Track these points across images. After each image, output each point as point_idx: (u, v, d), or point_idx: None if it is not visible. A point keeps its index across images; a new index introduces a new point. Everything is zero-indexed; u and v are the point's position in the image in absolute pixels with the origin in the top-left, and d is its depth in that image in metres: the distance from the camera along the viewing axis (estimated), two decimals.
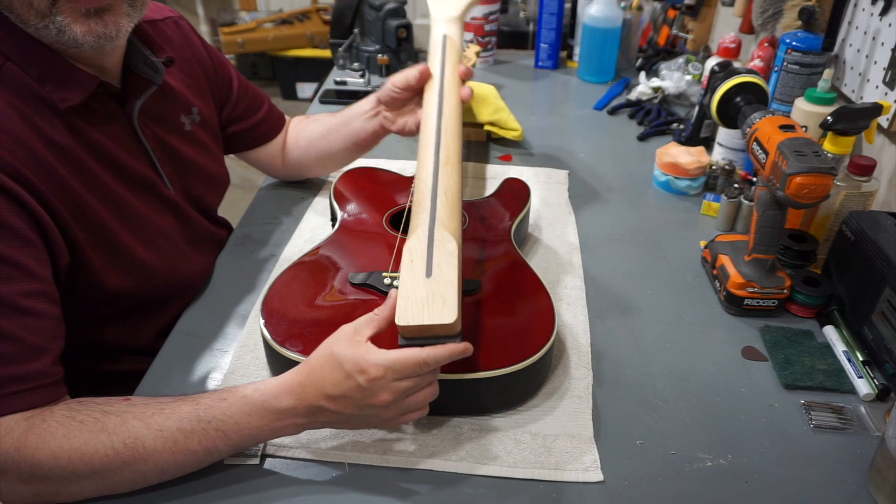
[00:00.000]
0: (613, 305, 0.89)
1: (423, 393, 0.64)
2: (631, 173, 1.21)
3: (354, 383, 0.61)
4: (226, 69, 1.00)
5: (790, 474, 0.68)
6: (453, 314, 0.61)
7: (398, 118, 0.97)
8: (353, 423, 0.65)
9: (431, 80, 0.90)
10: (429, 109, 0.86)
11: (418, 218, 0.72)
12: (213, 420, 0.62)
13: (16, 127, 0.67)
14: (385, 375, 0.60)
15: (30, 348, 0.63)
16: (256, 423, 0.63)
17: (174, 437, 0.61)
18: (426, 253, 0.67)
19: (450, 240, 0.68)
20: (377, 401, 0.61)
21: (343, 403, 0.62)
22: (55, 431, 0.60)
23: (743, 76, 0.91)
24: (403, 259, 0.67)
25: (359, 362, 0.61)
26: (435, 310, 0.61)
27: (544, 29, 1.63)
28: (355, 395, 0.61)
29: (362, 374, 0.60)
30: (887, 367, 0.77)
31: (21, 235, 0.64)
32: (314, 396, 0.62)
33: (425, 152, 0.80)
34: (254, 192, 1.12)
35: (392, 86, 0.93)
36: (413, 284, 0.64)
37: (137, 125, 0.81)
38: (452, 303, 0.62)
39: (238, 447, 0.64)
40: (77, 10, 0.68)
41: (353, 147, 1.04)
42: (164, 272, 0.83)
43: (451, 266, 0.65)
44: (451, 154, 0.79)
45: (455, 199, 0.74)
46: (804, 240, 0.92)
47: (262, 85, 3.50)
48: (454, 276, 0.65)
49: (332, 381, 0.62)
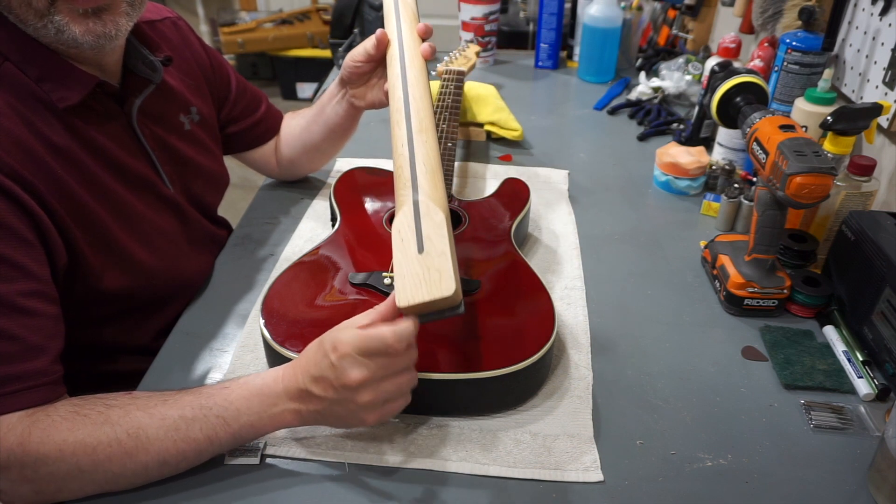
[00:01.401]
0: (613, 305, 0.89)
1: (398, 379, 0.63)
2: (631, 173, 1.21)
3: (328, 361, 0.61)
4: (224, 69, 1.00)
5: (790, 474, 0.68)
6: (452, 285, 0.60)
7: (366, 93, 0.95)
8: (336, 411, 0.63)
9: (391, 47, 0.87)
10: (394, 79, 0.83)
11: (401, 194, 0.70)
12: (214, 406, 0.63)
13: (14, 127, 0.67)
14: (351, 352, 0.60)
15: (29, 347, 0.63)
16: (255, 408, 0.63)
17: (176, 425, 0.62)
18: (414, 228, 0.65)
19: (436, 211, 0.67)
20: (349, 380, 0.60)
21: (324, 385, 0.62)
22: (59, 426, 0.61)
23: (743, 76, 0.91)
24: (394, 239, 0.66)
25: (333, 340, 0.61)
26: (433, 284, 0.60)
27: (544, 29, 1.63)
28: (329, 374, 0.61)
29: (334, 352, 0.61)
30: (887, 367, 0.77)
31: (19, 235, 0.64)
32: (303, 379, 0.63)
33: (397, 124, 0.77)
34: (254, 192, 1.12)
35: (351, 60, 0.92)
36: (407, 263, 0.63)
37: (136, 124, 0.81)
38: (449, 274, 0.61)
39: (238, 437, 0.64)
40: (75, 10, 0.68)
41: (331, 135, 1.03)
42: (163, 272, 0.83)
43: (441, 237, 0.64)
44: (423, 121, 0.76)
45: (435, 167, 0.72)
46: (804, 240, 0.92)
47: (261, 85, 3.50)
48: (446, 246, 0.63)
49: (314, 360, 0.62)
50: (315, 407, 0.64)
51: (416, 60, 0.84)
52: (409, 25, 0.88)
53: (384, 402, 0.63)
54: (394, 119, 0.78)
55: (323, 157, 1.09)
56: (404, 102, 0.78)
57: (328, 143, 1.05)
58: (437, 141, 0.76)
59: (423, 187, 0.69)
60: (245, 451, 0.67)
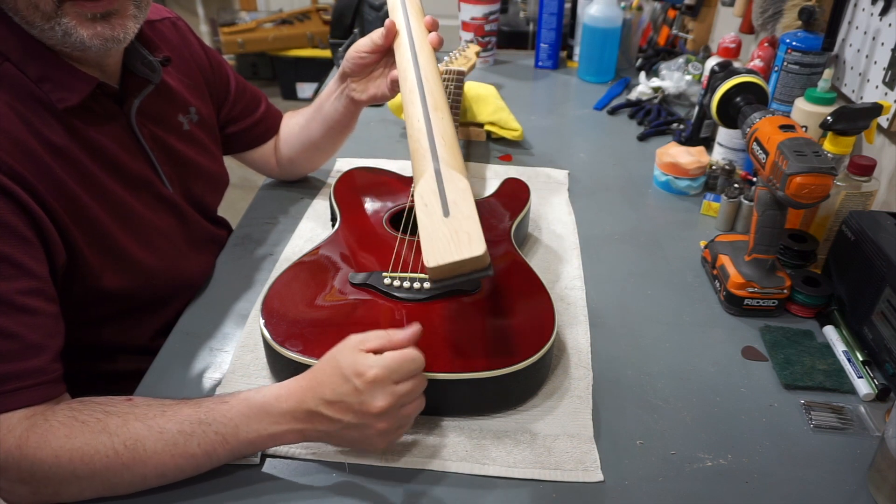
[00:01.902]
0: (613, 305, 0.89)
1: (415, 405, 0.64)
2: (631, 173, 1.21)
3: (351, 387, 0.60)
4: (223, 69, 1.00)
5: (790, 474, 0.68)
6: (482, 246, 0.60)
7: (368, 86, 0.94)
8: (349, 434, 0.63)
9: (399, 36, 0.87)
10: (404, 63, 0.83)
11: (420, 164, 0.70)
12: (213, 423, 0.62)
13: (13, 127, 0.67)
14: (384, 377, 0.60)
15: (28, 345, 0.63)
16: (255, 426, 0.63)
17: (174, 440, 0.61)
18: (439, 193, 0.65)
19: (459, 178, 0.67)
20: (374, 407, 0.60)
21: (341, 409, 0.61)
22: (57, 431, 0.60)
23: (743, 76, 0.91)
24: (416, 204, 0.66)
25: (356, 366, 0.61)
26: (463, 245, 0.61)
27: (544, 29, 1.63)
28: (352, 399, 0.61)
29: (359, 378, 0.60)
30: (887, 367, 0.77)
31: (18, 234, 0.64)
32: (313, 401, 0.62)
33: (412, 103, 0.77)
34: (254, 192, 1.12)
35: (357, 51, 0.91)
36: (433, 226, 0.63)
37: (135, 125, 0.81)
38: (478, 235, 0.61)
39: (236, 453, 0.64)
40: (83, 13, 0.68)
41: (331, 132, 1.02)
42: (162, 273, 0.83)
43: (466, 202, 0.65)
44: (437, 100, 0.76)
45: (453, 143, 0.72)
46: (804, 240, 0.92)
47: (261, 85, 3.50)
48: (472, 210, 0.64)
49: (331, 385, 0.61)
50: (324, 428, 0.63)
51: (425, 47, 0.84)
52: (417, 18, 0.88)
53: (397, 427, 0.64)
54: (407, 100, 0.78)
55: (323, 155, 1.09)
56: (418, 84, 0.78)
57: (327, 141, 1.04)
58: (452, 120, 0.76)
59: (444, 157, 0.69)
60: None
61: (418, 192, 0.67)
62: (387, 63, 0.92)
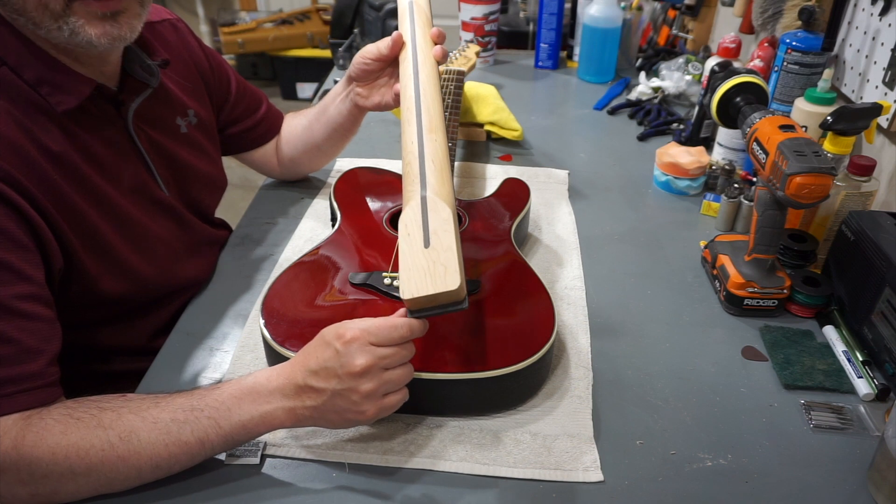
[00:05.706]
0: (613, 305, 0.89)
1: (399, 371, 0.64)
2: (631, 173, 1.21)
3: (332, 350, 0.62)
4: (224, 71, 1.00)
5: (790, 474, 0.68)
6: (456, 280, 0.61)
7: (373, 94, 0.94)
8: (337, 404, 0.63)
9: (405, 48, 0.87)
10: (406, 78, 0.83)
11: (410, 189, 0.71)
12: (205, 408, 0.63)
13: (10, 133, 0.67)
14: (360, 336, 0.61)
15: (25, 350, 0.63)
16: (247, 407, 0.63)
17: (167, 428, 0.62)
18: (421, 223, 0.66)
19: (443, 207, 0.68)
20: (354, 366, 0.61)
21: (325, 376, 0.62)
22: (52, 429, 0.61)
23: (743, 76, 0.91)
24: (400, 232, 0.67)
25: (336, 330, 0.63)
26: (438, 278, 0.61)
27: (544, 29, 1.63)
28: (333, 363, 0.62)
29: (339, 339, 0.62)
30: (887, 367, 0.77)
31: (15, 239, 0.64)
32: (301, 374, 0.63)
33: (408, 122, 0.78)
34: (253, 192, 1.13)
35: (362, 58, 0.91)
36: (413, 256, 0.64)
37: (132, 128, 0.81)
38: (454, 268, 0.62)
39: (229, 439, 0.63)
40: (93, 12, 0.68)
41: (334, 135, 1.02)
42: (158, 277, 0.83)
43: (447, 233, 0.65)
44: (433, 120, 0.77)
45: (443, 165, 0.73)
46: (804, 240, 0.92)
47: (261, 85, 3.50)
48: (452, 242, 0.64)
49: (315, 354, 0.63)
50: (312, 402, 0.63)
51: (428, 62, 0.84)
52: (423, 29, 0.88)
53: (384, 393, 0.64)
54: (404, 118, 0.79)
55: (324, 156, 1.09)
56: (416, 101, 0.79)
57: (330, 143, 1.05)
58: (447, 140, 0.77)
59: (432, 183, 0.70)
60: (245, 452, 0.67)
61: (403, 220, 0.68)
62: (393, 73, 0.92)
